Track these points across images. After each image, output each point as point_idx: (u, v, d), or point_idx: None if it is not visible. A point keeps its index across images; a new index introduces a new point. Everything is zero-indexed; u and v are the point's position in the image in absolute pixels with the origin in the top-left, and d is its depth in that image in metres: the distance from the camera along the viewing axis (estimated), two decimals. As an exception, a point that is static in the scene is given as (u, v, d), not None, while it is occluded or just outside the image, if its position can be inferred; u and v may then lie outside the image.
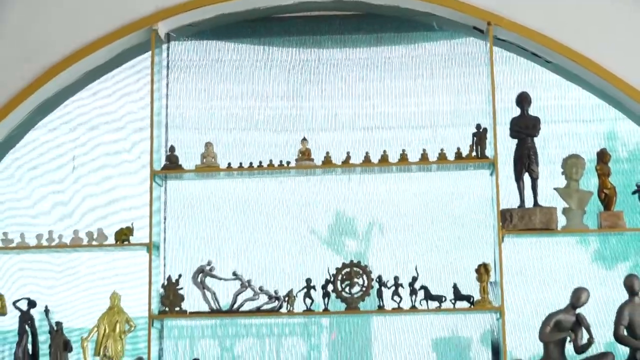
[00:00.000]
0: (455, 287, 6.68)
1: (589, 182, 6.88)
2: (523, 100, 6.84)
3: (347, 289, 6.71)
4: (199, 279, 6.82)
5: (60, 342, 6.75)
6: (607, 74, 6.90)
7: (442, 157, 6.83)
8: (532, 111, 6.85)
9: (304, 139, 6.94)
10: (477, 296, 6.65)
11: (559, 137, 7.14)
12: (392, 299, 6.68)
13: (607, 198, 6.71)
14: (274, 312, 6.78)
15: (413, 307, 6.64)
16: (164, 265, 7.12)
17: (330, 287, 6.72)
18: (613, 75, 6.89)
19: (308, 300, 6.72)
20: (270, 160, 6.91)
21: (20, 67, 7.14)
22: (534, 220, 6.65)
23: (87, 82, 7.34)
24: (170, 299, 6.79)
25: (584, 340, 6.49)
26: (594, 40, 6.98)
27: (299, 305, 6.74)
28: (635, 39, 7.00)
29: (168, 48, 7.35)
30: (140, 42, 7.19)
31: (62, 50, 7.13)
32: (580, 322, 6.50)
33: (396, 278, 6.67)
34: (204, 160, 6.93)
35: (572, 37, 6.98)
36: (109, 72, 7.37)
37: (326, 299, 6.71)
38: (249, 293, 6.78)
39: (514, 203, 6.77)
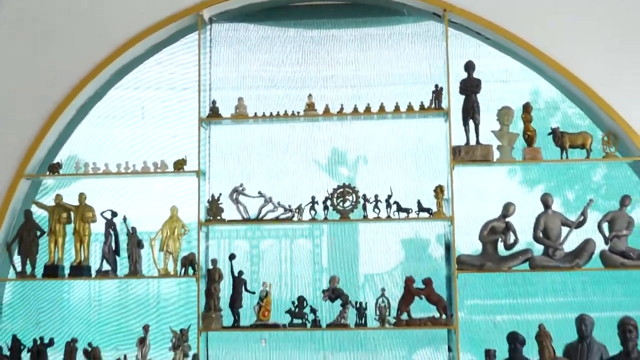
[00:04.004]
0: (419, 202, 7.39)
1: (517, 126, 7.52)
2: (469, 66, 7.51)
3: (340, 204, 7.45)
4: (234, 197, 7.53)
5: (135, 241, 7.53)
6: (531, 47, 7.57)
7: (409, 108, 7.48)
8: (476, 74, 7.50)
9: (310, 95, 7.61)
10: (434, 209, 7.36)
11: (495, 93, 7.70)
12: (373, 211, 7.41)
13: (529, 138, 7.43)
14: (288, 220, 7.48)
15: (388, 217, 7.36)
16: (209, 187, 7.72)
17: (328, 202, 7.44)
18: (535, 49, 7.57)
19: (312, 212, 7.45)
20: (285, 111, 7.57)
21: (102, 42, 7.83)
22: (476, 154, 7.35)
23: (152, 54, 8.03)
24: (214, 211, 7.49)
25: (512, 240, 7.34)
26: (522, 23, 7.60)
27: (306, 215, 7.46)
28: (552, 21, 7.61)
29: (210, 29, 7.90)
30: (190, 24, 7.84)
31: (133, 30, 7.83)
32: (509, 227, 7.35)
33: (376, 196, 7.42)
34: (237, 111, 7.57)
35: (506, 20, 7.60)
36: (167, 47, 8.01)
37: (326, 210, 7.44)
38: (270, 207, 7.50)
39: (462, 141, 7.44)
